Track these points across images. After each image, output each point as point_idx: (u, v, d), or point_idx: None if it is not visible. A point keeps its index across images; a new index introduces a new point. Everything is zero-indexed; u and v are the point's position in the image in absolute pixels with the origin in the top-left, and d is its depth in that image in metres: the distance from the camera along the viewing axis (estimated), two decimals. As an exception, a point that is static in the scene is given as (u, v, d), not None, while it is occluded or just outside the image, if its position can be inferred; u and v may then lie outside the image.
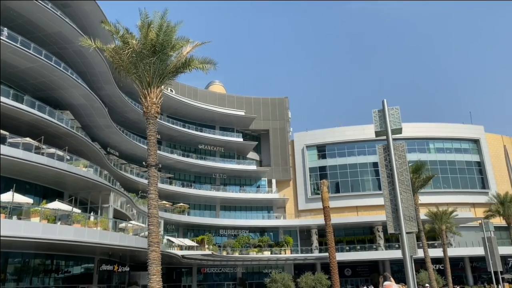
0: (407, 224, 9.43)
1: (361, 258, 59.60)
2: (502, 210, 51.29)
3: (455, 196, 66.13)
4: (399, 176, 9.76)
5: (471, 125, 74.15)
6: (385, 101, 10.37)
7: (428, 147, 70.17)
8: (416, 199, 38.79)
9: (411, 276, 9.18)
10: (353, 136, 69.05)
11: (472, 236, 57.12)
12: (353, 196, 66.69)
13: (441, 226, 45.94)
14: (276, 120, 70.79)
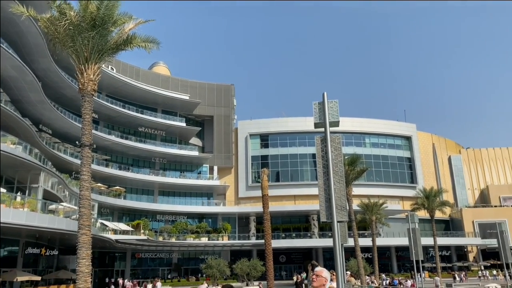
0: (338, 213, 9.77)
1: (296, 245, 61.50)
2: (427, 203, 54.98)
3: (386, 189, 70.03)
4: (334, 167, 10.06)
5: (405, 123, 78.56)
6: (325, 94, 10.58)
7: (364, 141, 73.43)
8: (350, 190, 40.47)
9: (340, 263, 9.57)
10: (295, 127, 70.51)
11: (399, 227, 60.86)
12: (292, 185, 68.37)
13: (371, 217, 48.41)
14: (221, 106, 70.38)
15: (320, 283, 5.06)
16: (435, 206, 55.07)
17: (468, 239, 69.75)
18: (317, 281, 5.06)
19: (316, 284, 5.06)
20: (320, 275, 5.06)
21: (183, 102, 66.13)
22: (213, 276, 40.04)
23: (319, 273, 5.11)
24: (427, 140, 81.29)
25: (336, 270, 9.66)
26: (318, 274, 5.08)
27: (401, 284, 36.43)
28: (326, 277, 5.15)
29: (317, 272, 5.13)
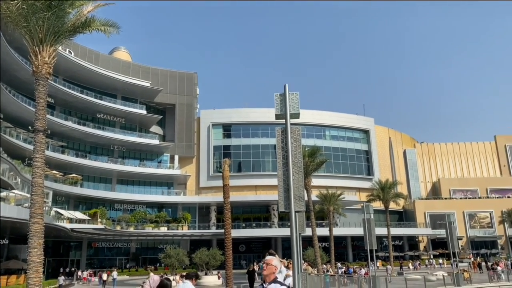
0: (296, 203, 9.97)
1: (256, 235, 62.15)
2: (382, 195, 57.08)
3: (344, 180, 71.95)
4: (293, 158, 10.23)
5: (363, 117, 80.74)
6: (286, 85, 10.70)
7: (325, 134, 74.89)
8: (309, 181, 41.27)
9: (296, 252, 9.81)
10: (258, 118, 70.76)
11: (355, 217, 62.83)
12: (254, 175, 68.79)
13: (329, 207, 49.69)
14: (183, 95, 69.40)
15: (270, 271, 5.12)
16: (390, 197, 57.27)
17: (420, 230, 73.08)
18: (267, 269, 5.13)
19: (266, 272, 5.12)
20: (270, 264, 5.14)
21: (144, 89, 64.68)
22: (171, 265, 39.83)
23: (269, 261, 5.19)
24: (384, 134, 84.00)
25: (292, 258, 9.90)
26: (268, 263, 5.15)
27: (356, 272, 37.71)
28: (276, 265, 5.22)
29: (267, 260, 5.20)
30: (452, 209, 72.88)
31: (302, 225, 19.43)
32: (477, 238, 75.69)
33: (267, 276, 5.12)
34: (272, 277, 5.11)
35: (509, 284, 36.06)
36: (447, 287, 32.61)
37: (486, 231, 76.27)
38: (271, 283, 5.06)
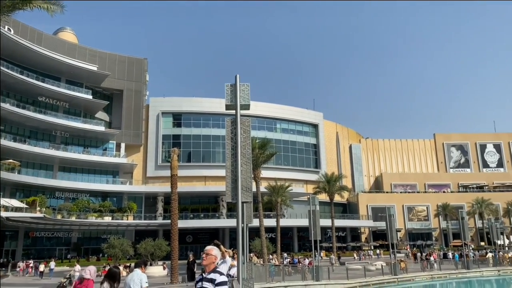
0: (243, 194, 10.00)
1: (204, 225, 61.94)
2: (327, 187, 58.85)
3: (293, 173, 73.35)
4: (242, 149, 10.23)
5: (313, 111, 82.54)
6: (238, 76, 10.65)
7: (275, 126, 75.76)
8: (258, 173, 41.65)
9: (242, 242, 9.86)
10: (210, 108, 70.14)
11: (302, 209, 64.21)
12: (203, 166, 68.30)
13: (277, 198, 50.48)
14: (132, 81, 67.23)
15: (210, 261, 5.16)
16: (335, 190, 59.16)
17: (362, 222, 76.22)
18: (207, 259, 5.16)
19: (206, 262, 5.15)
20: (209, 254, 5.17)
21: (90, 73, 61.91)
22: (115, 256, 38.70)
23: (209, 251, 5.21)
24: (332, 128, 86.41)
25: (238, 249, 9.94)
26: (208, 253, 5.18)
27: (300, 262, 38.67)
28: (216, 255, 5.25)
29: (206, 251, 5.22)
30: (392, 202, 76.62)
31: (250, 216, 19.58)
32: (414, 230, 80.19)
33: (207, 266, 5.15)
34: (212, 266, 5.14)
35: (440, 273, 38.61)
36: (385, 276, 34.32)
37: (422, 223, 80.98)
38: (210, 272, 5.09)
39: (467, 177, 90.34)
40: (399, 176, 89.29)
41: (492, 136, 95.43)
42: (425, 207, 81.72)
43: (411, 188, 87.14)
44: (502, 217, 78.60)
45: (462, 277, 39.02)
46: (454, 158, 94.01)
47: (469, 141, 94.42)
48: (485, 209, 74.93)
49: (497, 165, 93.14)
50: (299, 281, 28.29)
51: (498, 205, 78.65)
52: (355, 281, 31.50)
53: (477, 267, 41.53)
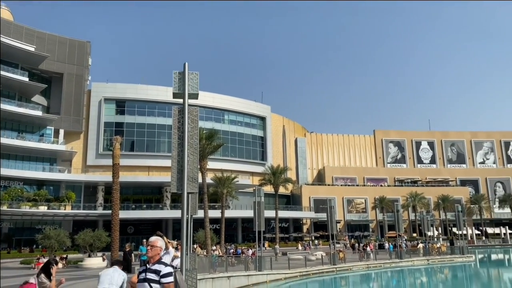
0: (189, 185, 9.86)
1: (147, 216, 60.59)
2: (273, 179, 59.77)
3: (239, 164, 73.65)
4: (189, 139, 10.06)
5: (261, 104, 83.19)
6: (187, 64, 10.43)
7: (223, 117, 75.51)
8: (205, 164, 41.35)
9: (186, 233, 9.75)
10: (156, 96, 68.40)
11: (247, 200, 64.84)
12: (147, 156, 66.65)
13: (223, 190, 50.44)
14: (73, 64, 63.86)
15: (155, 252, 5.12)
16: (280, 182, 60.22)
17: (305, 213, 78.33)
18: (152, 251, 5.12)
19: (151, 254, 5.12)
20: (155, 246, 5.14)
21: (27, 53, 57.96)
22: (50, 247, 36.79)
23: (154, 243, 5.16)
24: (279, 122, 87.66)
25: (182, 240, 9.81)
26: (153, 245, 5.14)
27: (244, 253, 39.04)
28: (160, 246, 5.23)
29: (151, 242, 5.18)
30: (333, 195, 79.34)
31: (194, 207, 19.43)
32: (353, 222, 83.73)
33: (152, 257, 5.09)
34: (157, 257, 5.09)
35: (376, 263, 40.69)
36: (325, 266, 35.59)
37: (360, 215, 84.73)
38: (155, 263, 5.03)
39: (403, 172, 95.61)
40: (341, 170, 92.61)
41: (427, 134, 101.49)
42: (363, 199, 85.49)
43: (351, 181, 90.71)
44: (433, 210, 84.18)
45: (396, 266, 41.39)
46: (392, 153, 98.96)
47: (406, 138, 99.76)
48: (418, 203, 79.89)
49: (430, 161, 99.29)
50: (242, 271, 28.56)
51: (430, 199, 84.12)
52: (296, 270, 32.38)
53: (409, 257, 44.22)
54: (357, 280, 35.48)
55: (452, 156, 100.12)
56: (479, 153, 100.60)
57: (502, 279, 38.87)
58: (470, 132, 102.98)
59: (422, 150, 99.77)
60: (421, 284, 35.41)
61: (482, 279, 39.08)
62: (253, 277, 28.52)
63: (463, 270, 43.51)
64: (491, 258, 60.52)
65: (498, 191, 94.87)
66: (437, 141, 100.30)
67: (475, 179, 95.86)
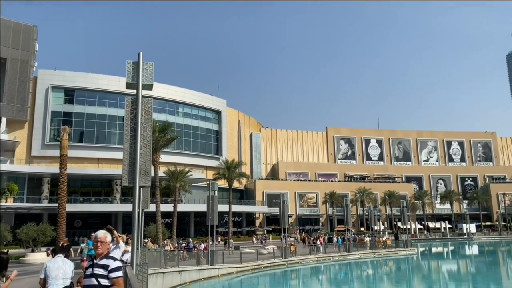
0: (142, 178, 9.66)
1: (95, 210, 58.62)
2: (227, 174, 59.76)
3: (193, 158, 72.96)
4: (142, 131, 9.84)
5: (217, 97, 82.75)
6: (141, 54, 10.16)
7: (178, 110, 74.35)
8: (158, 157, 40.62)
9: (137, 227, 9.56)
10: (107, 86, 66.08)
11: (200, 194, 64.43)
12: (97, 147, 64.37)
13: (176, 184, 49.80)
14: (18, 49, 60.22)
15: (105, 248, 4.99)
16: (234, 176, 60.35)
17: (258, 207, 79.02)
18: (102, 247, 4.96)
19: (101, 250, 4.95)
20: (104, 241, 4.99)
21: (-35, 35, 53.99)
22: (-11, 242, 34.76)
23: (104, 239, 5.00)
24: (234, 116, 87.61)
25: (132, 234, 9.61)
26: (102, 241, 4.97)
27: (196, 247, 38.83)
28: (109, 241, 5.16)
29: (100, 238, 4.99)
30: (286, 189, 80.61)
31: (146, 201, 19.06)
32: (304, 216, 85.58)
33: (101, 254, 4.94)
34: (105, 252, 4.96)
35: (325, 256, 41.91)
36: (276, 259, 36.19)
37: (311, 209, 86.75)
38: (102, 258, 4.88)
39: (353, 168, 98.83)
40: (294, 165, 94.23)
41: (376, 132, 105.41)
42: (315, 194, 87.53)
43: (303, 176, 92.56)
44: (380, 205, 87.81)
45: (344, 259, 42.84)
46: (342, 150, 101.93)
47: (356, 135, 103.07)
48: (366, 198, 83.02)
49: (378, 158, 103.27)
50: (194, 265, 28.43)
51: (377, 195, 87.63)
52: (248, 264, 32.68)
53: (357, 250, 45.93)
54: (307, 273, 36.37)
55: (399, 153, 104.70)
56: (423, 151, 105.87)
57: (441, 271, 41.35)
58: (416, 132, 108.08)
59: (371, 148, 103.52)
60: (367, 276, 36.90)
61: (423, 270, 41.35)
62: (204, 271, 28.49)
63: (406, 262, 45.79)
64: (431, 251, 64.13)
65: (440, 187, 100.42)
66: (385, 139, 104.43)
67: (419, 176, 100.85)
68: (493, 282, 32.26)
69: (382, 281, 33.81)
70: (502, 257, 55.95)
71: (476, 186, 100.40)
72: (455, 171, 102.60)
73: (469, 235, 79.29)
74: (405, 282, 33.35)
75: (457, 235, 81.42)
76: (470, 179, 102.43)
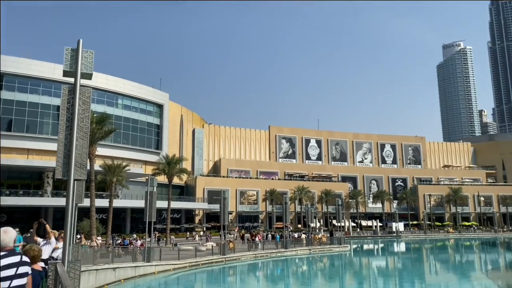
0: (77, 171, 9.22)
1: (23, 204, 54.94)
2: (167, 169, 58.55)
3: (132, 152, 70.75)
4: (79, 122, 9.39)
5: (159, 91, 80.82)
6: (81, 41, 9.69)
7: (117, 102, 71.66)
8: (94, 150, 38.98)
9: (70, 223, 9.11)
10: (41, 73, 62.08)
11: (139, 190, 62.64)
12: (27, 137, 60.32)
13: (112, 178, 47.98)
14: None
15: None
16: (175, 172, 59.30)
17: (198, 204, 78.43)
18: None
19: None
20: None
21: None
22: None
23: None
24: (177, 110, 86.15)
25: (65, 230, 9.15)
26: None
27: (132, 244, 37.76)
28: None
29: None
30: (227, 186, 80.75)
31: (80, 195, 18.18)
32: (244, 213, 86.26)
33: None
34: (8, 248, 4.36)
35: (263, 253, 42.55)
36: (214, 256, 36.17)
37: (252, 207, 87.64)
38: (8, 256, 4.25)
39: (293, 167, 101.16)
40: (236, 162, 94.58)
41: (315, 133, 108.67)
42: (255, 192, 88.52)
43: (245, 173, 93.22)
44: (317, 203, 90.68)
45: (281, 256, 43.79)
46: (284, 149, 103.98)
47: (297, 135, 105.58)
48: (304, 196, 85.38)
49: (317, 158, 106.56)
50: (129, 262, 27.66)
51: (315, 193, 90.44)
52: (186, 261, 32.38)
53: (294, 247, 47.16)
54: (244, 269, 36.72)
55: (336, 154, 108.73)
56: (359, 152, 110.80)
57: (371, 266, 43.59)
58: (352, 133, 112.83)
59: (311, 147, 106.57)
60: (302, 272, 38.02)
61: (355, 266, 43.36)
62: (140, 268, 27.83)
63: (339, 259, 47.73)
64: (363, 248, 67.36)
65: (373, 187, 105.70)
66: (324, 140, 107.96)
67: (354, 176, 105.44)
68: (417, 277, 34.57)
69: (316, 276, 35.00)
70: (426, 254, 60.14)
71: (405, 187, 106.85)
72: (387, 173, 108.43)
73: (397, 233, 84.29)
74: (338, 277, 34.78)
75: (387, 233, 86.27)
76: (400, 180, 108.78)
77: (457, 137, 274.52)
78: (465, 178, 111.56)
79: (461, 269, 40.44)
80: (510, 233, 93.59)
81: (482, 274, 36.72)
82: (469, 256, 56.63)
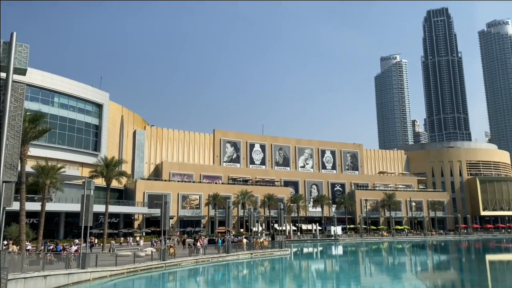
0: (7, 172, 8.63)
1: None
2: (106, 172, 56.23)
3: (68, 153, 67.29)
4: (10, 120, 8.79)
5: (99, 90, 77.68)
6: (15, 34, 9.08)
7: (53, 100, 67.95)
8: (26, 150, 36.62)
9: (-3, 228, 8.50)
10: (-34, 65, 57.40)
11: (74, 193, 59.65)
12: None
13: (45, 180, 45.26)
14: None
15: None
16: (113, 175, 57.14)
17: (137, 208, 76.05)
18: None
19: None
20: None
21: None
22: None
23: None
24: (117, 111, 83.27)
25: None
26: None
27: (65, 249, 35.86)
28: None
29: None
30: (169, 190, 79.23)
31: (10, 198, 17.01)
32: (186, 218, 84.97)
33: None
34: None
35: (204, 257, 42.17)
36: (154, 261, 35.30)
37: (194, 211, 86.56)
38: None
39: (237, 171, 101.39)
40: (178, 166, 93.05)
41: (260, 137, 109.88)
42: (198, 196, 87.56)
43: (188, 177, 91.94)
44: (260, 207, 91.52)
45: (222, 260, 43.65)
46: (228, 153, 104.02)
47: (242, 139, 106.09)
48: (247, 200, 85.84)
49: (261, 162, 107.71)
50: (62, 269, 26.24)
51: (258, 197, 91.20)
52: (124, 267, 31.31)
53: (235, 251, 47.19)
54: (184, 275, 36.16)
55: (279, 159, 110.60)
56: (301, 158, 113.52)
57: (310, 269, 44.71)
58: (295, 139, 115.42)
59: (255, 152, 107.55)
60: (243, 276, 38.14)
61: (294, 270, 44.24)
62: (74, 275, 26.51)
63: (280, 262, 48.49)
64: (303, 251, 68.98)
65: (313, 192, 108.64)
66: (268, 145, 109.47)
67: (296, 181, 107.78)
68: (353, 279, 35.98)
69: (257, 280, 35.27)
70: (361, 256, 62.76)
71: (343, 192, 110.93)
72: (326, 178, 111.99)
73: (335, 236, 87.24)
74: (278, 280, 35.29)
75: (326, 236, 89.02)
76: (339, 185, 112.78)
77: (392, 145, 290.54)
78: (399, 184, 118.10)
79: (393, 270, 42.66)
80: (438, 236, 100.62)
81: (412, 275, 39.00)
82: (401, 258, 59.88)
